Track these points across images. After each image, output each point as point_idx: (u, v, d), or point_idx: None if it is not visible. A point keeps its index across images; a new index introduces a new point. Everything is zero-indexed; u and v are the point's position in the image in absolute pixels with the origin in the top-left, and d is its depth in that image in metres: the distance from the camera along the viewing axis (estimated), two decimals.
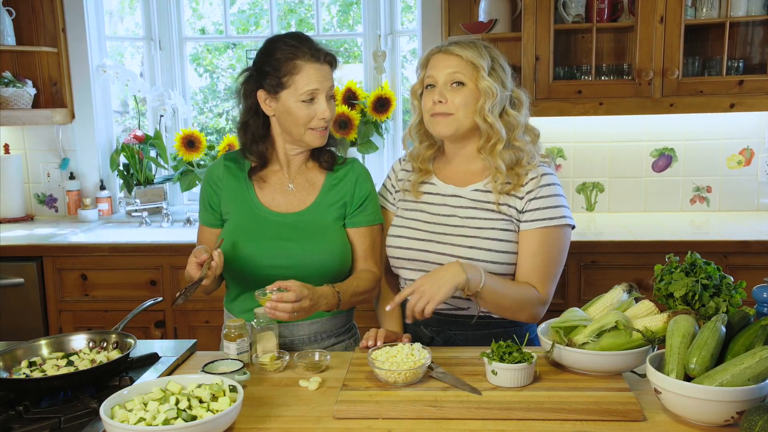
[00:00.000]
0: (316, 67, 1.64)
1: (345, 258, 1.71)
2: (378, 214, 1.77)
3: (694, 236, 2.68)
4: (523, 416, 1.27)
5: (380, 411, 1.30)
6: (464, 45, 1.63)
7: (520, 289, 1.59)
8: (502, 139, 1.62)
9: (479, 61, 1.60)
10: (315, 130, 1.66)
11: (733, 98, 2.70)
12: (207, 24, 3.70)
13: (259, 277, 1.65)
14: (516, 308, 1.60)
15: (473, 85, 1.60)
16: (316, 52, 1.64)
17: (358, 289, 1.67)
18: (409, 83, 3.45)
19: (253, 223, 1.70)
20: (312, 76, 1.63)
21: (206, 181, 1.79)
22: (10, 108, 3.10)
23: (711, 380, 1.19)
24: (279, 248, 1.68)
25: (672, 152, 3.09)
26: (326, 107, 1.65)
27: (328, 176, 1.76)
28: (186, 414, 1.20)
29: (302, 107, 1.63)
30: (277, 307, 1.48)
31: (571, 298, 2.60)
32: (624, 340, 1.38)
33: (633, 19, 2.73)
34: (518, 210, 1.64)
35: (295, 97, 1.63)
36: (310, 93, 1.63)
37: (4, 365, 1.47)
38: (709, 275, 1.41)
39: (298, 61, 1.62)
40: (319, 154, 1.76)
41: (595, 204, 3.16)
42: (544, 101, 2.73)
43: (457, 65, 1.61)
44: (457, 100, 1.61)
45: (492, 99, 1.60)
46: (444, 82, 1.62)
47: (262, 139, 1.71)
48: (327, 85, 1.65)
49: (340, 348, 1.76)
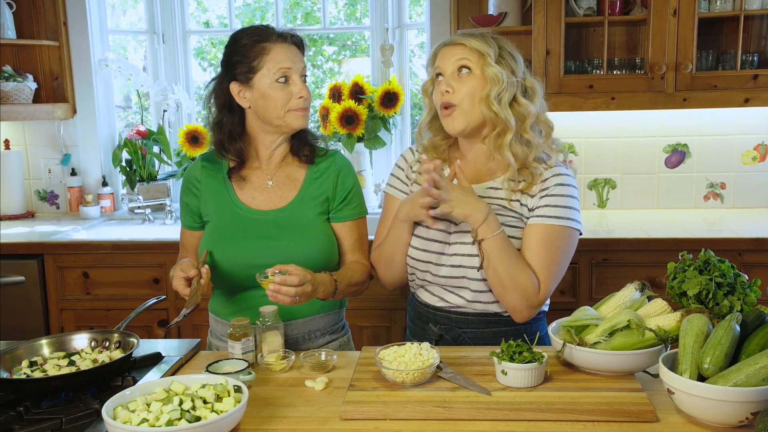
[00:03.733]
0: (284, 46, 1.64)
1: (330, 252, 1.71)
2: (362, 206, 1.77)
3: (707, 233, 2.67)
4: (534, 417, 1.26)
5: (388, 412, 1.29)
6: (473, 35, 1.62)
7: (523, 271, 1.56)
8: (510, 129, 1.59)
9: (485, 49, 1.59)
10: (295, 111, 1.65)
11: (748, 93, 2.69)
12: (211, 17, 3.69)
13: (243, 278, 1.66)
14: (510, 284, 1.55)
15: (479, 72, 1.59)
16: (282, 33, 1.65)
17: (353, 280, 1.68)
18: (417, 77, 3.44)
19: (234, 223, 1.70)
20: (282, 54, 1.63)
21: (185, 183, 1.80)
22: (11, 103, 3.08)
23: (725, 380, 1.18)
24: (262, 247, 1.67)
25: (685, 148, 3.08)
26: (302, 86, 1.64)
27: (309, 170, 1.74)
28: (190, 415, 1.19)
29: (277, 89, 1.63)
30: (280, 290, 1.47)
31: (583, 297, 2.60)
32: (636, 340, 1.37)
33: (646, 12, 2.72)
34: (529, 208, 1.63)
35: (269, 78, 1.62)
36: (283, 72, 1.62)
37: (4, 365, 1.46)
38: (723, 273, 1.40)
39: (266, 43, 1.63)
40: (298, 147, 1.74)
41: (606, 201, 3.16)
42: (554, 96, 2.71)
43: (463, 53, 1.61)
44: (464, 89, 1.59)
45: (498, 86, 1.58)
46: (451, 72, 1.61)
47: (239, 136, 1.70)
48: (300, 65, 1.65)
49: (335, 346, 1.75)
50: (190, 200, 1.77)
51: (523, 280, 1.55)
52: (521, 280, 1.55)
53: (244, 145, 1.71)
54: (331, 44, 3.78)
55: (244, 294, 1.71)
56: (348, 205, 1.74)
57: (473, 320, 1.66)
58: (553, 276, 1.59)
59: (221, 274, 1.69)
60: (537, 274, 1.57)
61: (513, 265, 1.55)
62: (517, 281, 1.55)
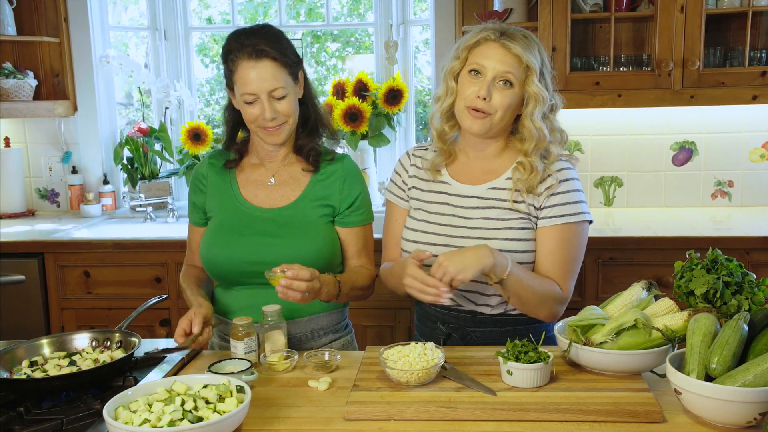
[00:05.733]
0: (250, 65, 1.57)
1: (332, 255, 1.70)
2: (369, 213, 1.76)
3: (715, 232, 2.66)
4: (540, 417, 1.26)
5: (392, 412, 1.29)
6: (520, 39, 1.57)
7: (544, 283, 1.58)
8: (547, 143, 1.61)
9: (533, 64, 1.56)
10: (264, 129, 1.63)
11: (756, 90, 2.67)
12: (214, 13, 3.68)
13: (241, 274, 1.67)
14: (538, 302, 1.58)
15: (520, 88, 1.57)
16: (252, 48, 1.56)
17: (357, 284, 1.68)
18: (421, 74, 3.43)
19: (235, 219, 1.70)
20: (246, 77, 1.58)
21: (192, 181, 1.81)
22: (11, 100, 3.06)
23: (733, 380, 1.18)
24: (262, 244, 1.67)
25: (693, 145, 3.06)
26: (266, 109, 1.58)
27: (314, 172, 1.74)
28: (192, 415, 1.19)
29: (246, 107, 1.62)
30: (291, 285, 1.46)
31: (589, 296, 2.59)
32: (643, 339, 1.37)
33: (653, 8, 2.71)
34: (536, 207, 1.62)
35: (239, 95, 1.62)
36: (247, 97, 1.60)
37: (4, 365, 1.46)
38: (731, 272, 1.39)
39: (236, 60, 1.59)
40: (301, 149, 1.73)
41: (613, 199, 3.15)
42: (560, 93, 2.69)
43: (511, 64, 1.55)
44: (502, 101, 1.56)
45: (543, 105, 1.58)
46: (493, 77, 1.56)
47: (242, 127, 1.72)
48: (267, 84, 1.57)
49: (338, 345, 1.75)
50: (197, 197, 1.78)
51: (548, 290, 1.57)
52: (546, 291, 1.57)
53: (247, 139, 1.74)
54: (335, 41, 3.77)
55: (247, 293, 1.70)
56: (355, 211, 1.73)
57: (481, 319, 1.66)
58: (572, 273, 1.62)
59: (221, 269, 1.69)
60: (558, 275, 1.59)
61: (535, 285, 1.56)
62: (543, 298, 1.57)
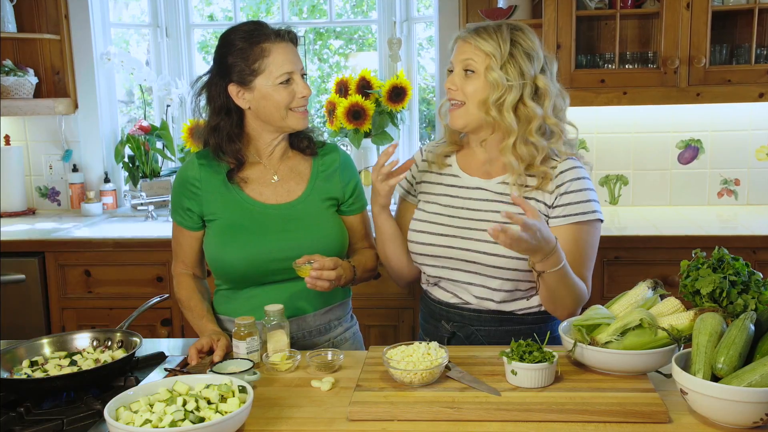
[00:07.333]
0: (283, 46, 1.63)
1: (343, 242, 1.75)
2: (365, 197, 1.82)
3: (721, 231, 2.66)
4: (544, 418, 1.25)
5: (395, 413, 1.28)
6: (482, 32, 1.60)
7: (579, 283, 1.58)
8: (513, 133, 1.58)
9: (493, 50, 1.57)
10: (296, 111, 1.66)
11: (762, 87, 2.66)
12: (216, 10, 3.68)
13: (261, 273, 1.66)
14: (569, 301, 1.58)
15: (482, 75, 1.59)
16: (278, 31, 1.64)
17: (367, 266, 1.76)
18: (425, 72, 3.43)
19: (246, 219, 1.68)
20: (283, 56, 1.62)
21: (180, 183, 1.73)
22: (11, 98, 3.06)
23: (739, 380, 1.18)
24: (281, 240, 1.67)
25: (699, 143, 3.06)
26: (303, 85, 1.66)
27: (314, 163, 1.75)
28: (194, 416, 1.19)
29: (280, 89, 1.63)
30: (322, 275, 1.53)
31: (594, 295, 2.54)
32: (649, 339, 1.36)
33: (658, 5, 2.70)
34: (547, 205, 1.62)
35: (271, 80, 1.62)
36: (287, 75, 1.62)
37: (4, 365, 1.46)
38: (738, 271, 1.39)
39: (265, 44, 1.62)
40: (297, 141, 1.75)
41: (618, 197, 3.14)
42: (565, 91, 2.69)
43: (470, 53, 1.60)
44: (468, 89, 1.60)
45: (498, 91, 1.57)
46: (458, 70, 1.62)
47: (237, 137, 1.69)
48: (299, 64, 1.66)
49: (348, 335, 1.80)
50: (190, 203, 1.71)
51: (581, 290, 1.58)
52: (580, 291, 1.58)
53: (243, 146, 1.69)
54: (338, 38, 3.77)
55: (249, 292, 1.70)
56: (358, 198, 1.79)
57: (486, 318, 1.66)
58: (590, 271, 1.63)
59: (239, 271, 1.67)
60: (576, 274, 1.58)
61: (574, 283, 1.56)
62: (576, 296, 1.58)
